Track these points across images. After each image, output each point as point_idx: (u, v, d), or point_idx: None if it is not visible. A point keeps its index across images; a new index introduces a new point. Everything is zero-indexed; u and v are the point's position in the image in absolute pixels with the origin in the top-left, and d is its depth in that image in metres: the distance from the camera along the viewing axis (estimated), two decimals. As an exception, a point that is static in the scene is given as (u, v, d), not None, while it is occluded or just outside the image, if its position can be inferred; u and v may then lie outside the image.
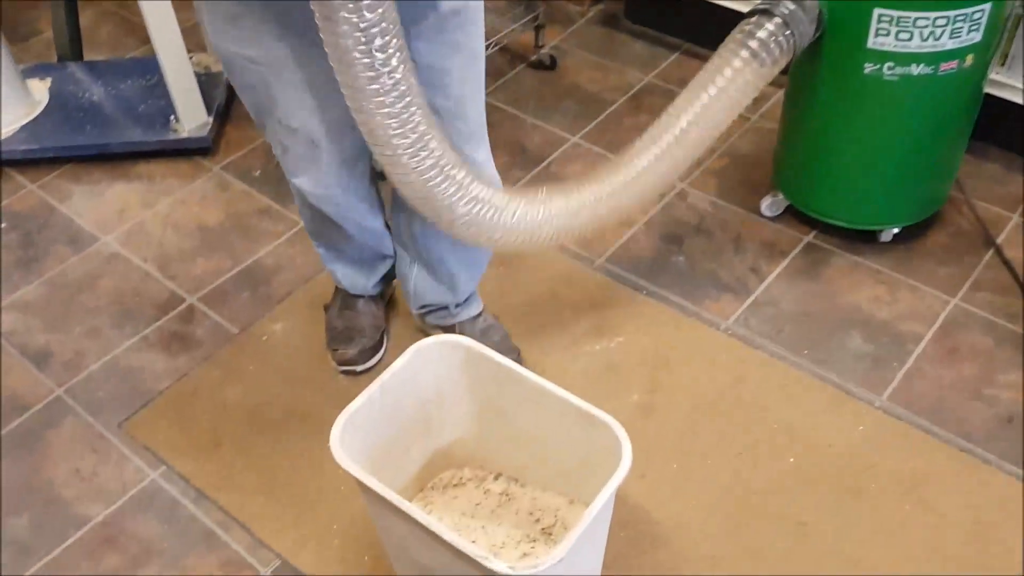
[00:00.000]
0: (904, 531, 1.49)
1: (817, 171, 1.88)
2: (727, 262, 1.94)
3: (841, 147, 1.80)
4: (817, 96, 1.77)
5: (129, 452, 1.67)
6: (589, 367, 1.75)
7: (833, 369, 1.73)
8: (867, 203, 1.87)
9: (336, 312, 1.78)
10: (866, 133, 1.76)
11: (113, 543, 1.54)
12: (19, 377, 1.80)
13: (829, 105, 1.76)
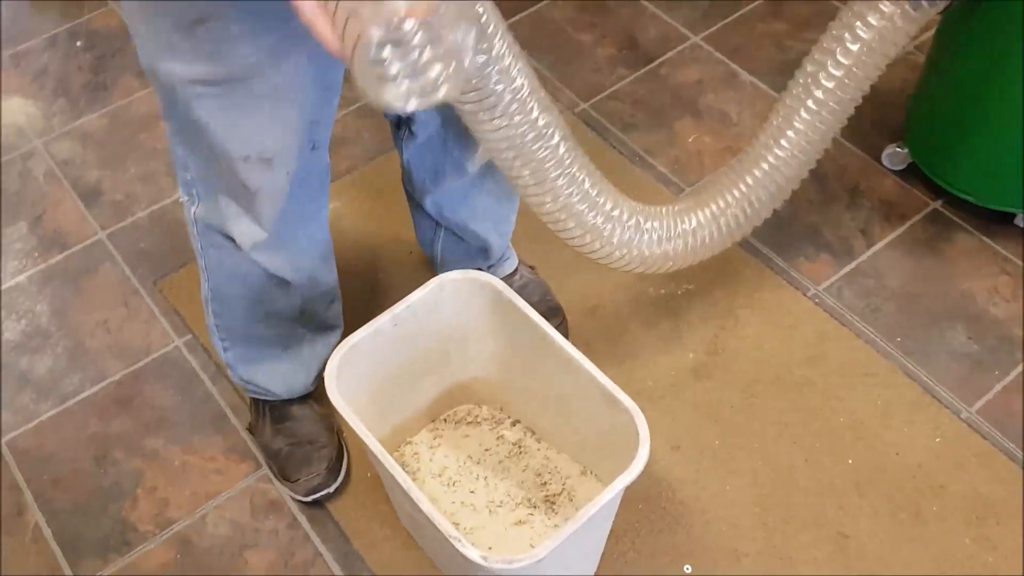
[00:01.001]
0: (956, 566, 1.32)
1: (953, 135, 1.59)
2: (835, 217, 1.71)
3: (989, 115, 1.51)
4: (973, 50, 1.48)
5: (159, 313, 1.62)
6: (648, 313, 1.59)
7: (924, 365, 1.52)
8: (1007, 181, 1.59)
9: (269, 434, 1.41)
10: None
11: (126, 405, 1.52)
12: (66, 212, 1.76)
13: (985, 64, 1.47)
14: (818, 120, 1.31)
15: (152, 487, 1.44)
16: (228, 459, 1.46)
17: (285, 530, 1.38)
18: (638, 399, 1.46)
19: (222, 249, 1.18)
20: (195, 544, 1.38)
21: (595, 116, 1.88)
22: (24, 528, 1.41)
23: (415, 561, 1.34)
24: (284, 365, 1.35)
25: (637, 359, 1.53)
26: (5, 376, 1.57)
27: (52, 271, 1.69)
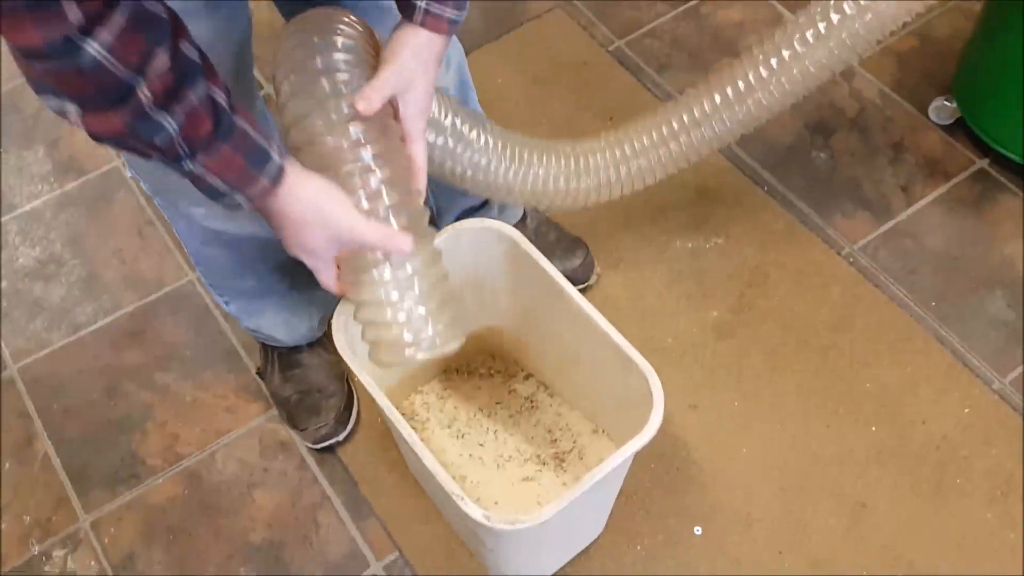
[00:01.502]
0: (975, 543, 1.28)
1: (1005, 90, 1.49)
2: (876, 171, 1.63)
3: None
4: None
5: (173, 246, 1.59)
6: (673, 265, 1.53)
7: (959, 332, 1.45)
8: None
9: (278, 381, 1.38)
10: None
11: (138, 338, 1.51)
12: (82, 137, 1.71)
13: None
14: (821, 51, 1.19)
15: (162, 421, 1.43)
16: (239, 398, 1.44)
17: (294, 471, 1.37)
18: (657, 356, 1.42)
19: (189, 219, 1.12)
20: (204, 480, 1.37)
21: (629, 54, 1.80)
22: (33, 457, 1.41)
23: (422, 509, 1.32)
24: (286, 313, 1.32)
25: (658, 315, 1.48)
26: (18, 303, 1.56)
27: (68, 197, 1.67)
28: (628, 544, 1.28)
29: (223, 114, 0.76)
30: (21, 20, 0.62)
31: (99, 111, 0.70)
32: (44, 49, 0.64)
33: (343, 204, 0.85)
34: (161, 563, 1.30)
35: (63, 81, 0.68)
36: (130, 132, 0.72)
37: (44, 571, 1.31)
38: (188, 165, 0.77)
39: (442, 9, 0.88)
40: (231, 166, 0.78)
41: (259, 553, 1.31)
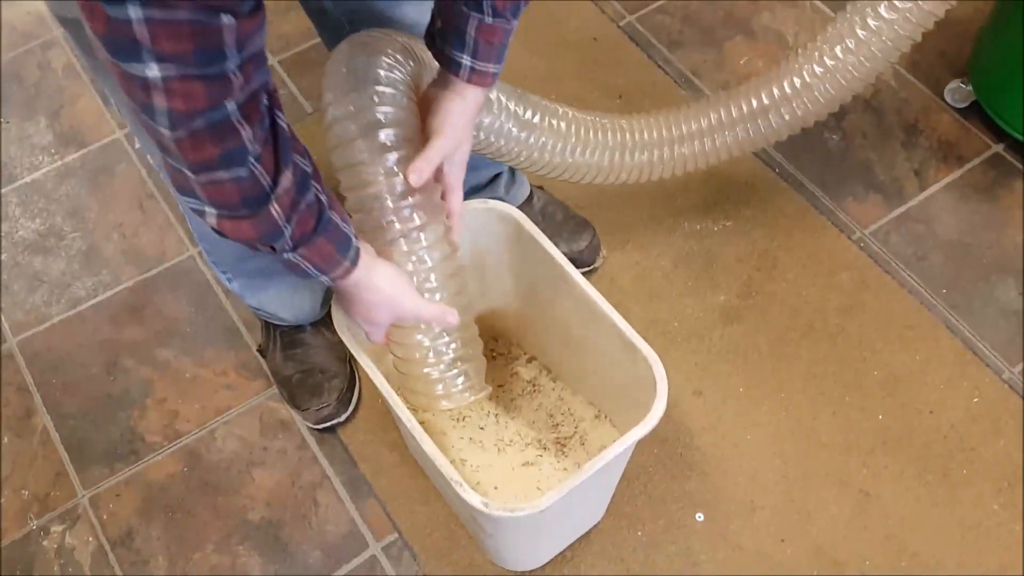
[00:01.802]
0: (981, 534, 1.26)
1: (1022, 74, 1.46)
2: (889, 154, 1.60)
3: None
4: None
5: (174, 220, 1.58)
6: (680, 248, 1.51)
7: (969, 320, 1.43)
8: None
9: (279, 359, 1.38)
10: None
11: (138, 313, 1.49)
12: (84, 108, 1.70)
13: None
14: (863, 54, 1.19)
15: (162, 398, 1.42)
16: (239, 375, 1.43)
17: (294, 450, 1.36)
18: (662, 340, 1.42)
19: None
20: (203, 458, 1.36)
21: (641, 30, 1.76)
22: (32, 431, 1.40)
23: (422, 490, 1.31)
24: (290, 291, 1.30)
25: (664, 298, 1.46)
26: (18, 275, 1.55)
27: (69, 169, 1.65)
28: (629, 529, 1.27)
29: (323, 212, 0.83)
30: (202, 140, 0.68)
31: (236, 218, 0.76)
32: (219, 162, 0.70)
33: (409, 289, 0.95)
34: (159, 540, 1.30)
35: (217, 190, 0.73)
36: (258, 238, 0.79)
37: (42, 546, 1.30)
38: (288, 256, 0.83)
39: (486, 66, 0.91)
40: (323, 254, 0.85)
41: (258, 531, 1.30)
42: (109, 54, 0.63)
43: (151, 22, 0.60)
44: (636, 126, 1.24)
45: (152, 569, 1.28)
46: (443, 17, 0.90)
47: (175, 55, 0.62)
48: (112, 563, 1.29)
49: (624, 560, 1.25)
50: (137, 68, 0.62)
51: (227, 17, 0.62)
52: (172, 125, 0.66)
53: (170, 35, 0.61)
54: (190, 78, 0.63)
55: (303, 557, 1.27)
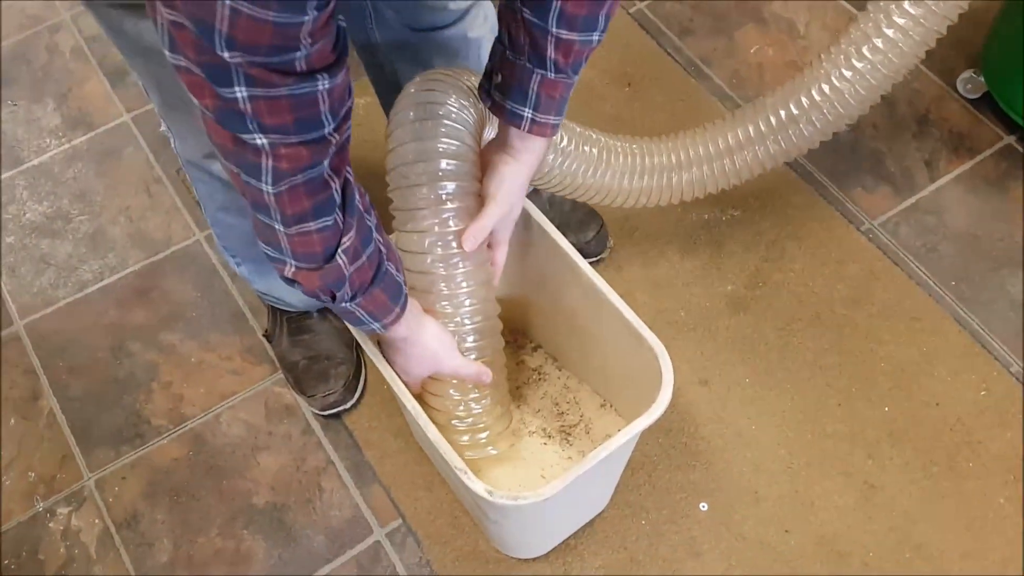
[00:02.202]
0: (985, 527, 1.26)
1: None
2: (900, 145, 1.59)
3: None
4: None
5: (181, 204, 1.58)
6: (688, 237, 1.50)
7: (978, 313, 1.42)
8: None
9: (286, 345, 1.38)
10: None
11: (144, 296, 1.49)
12: (92, 91, 1.70)
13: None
14: (892, 52, 1.18)
15: (167, 382, 1.42)
16: (245, 360, 1.43)
17: (299, 436, 1.36)
18: (669, 329, 1.41)
19: (211, 184, 1.13)
20: (208, 442, 1.37)
21: (651, 18, 1.75)
22: (39, 413, 1.41)
23: (426, 476, 1.31)
24: None
25: (671, 287, 1.46)
26: (25, 258, 1.55)
27: (76, 152, 1.65)
28: (633, 518, 1.27)
29: (382, 263, 0.88)
30: (298, 194, 0.74)
31: (311, 270, 0.82)
32: (311, 214, 0.76)
33: (452, 349, 1.02)
34: (164, 523, 1.30)
35: (304, 241, 0.79)
36: (321, 287, 0.84)
37: (48, 527, 1.31)
38: (346, 305, 0.88)
39: (546, 118, 0.95)
40: (377, 302, 0.90)
41: (262, 516, 1.30)
42: (219, 124, 0.69)
43: (255, 99, 0.66)
44: (667, 147, 1.26)
45: (157, 552, 1.28)
46: (504, 72, 0.93)
47: (278, 126, 0.68)
48: (118, 545, 1.29)
49: (627, 549, 1.25)
50: (247, 136, 0.69)
51: (322, 79, 0.67)
52: (274, 181, 0.72)
53: (272, 110, 0.67)
54: (294, 144, 0.70)
55: (307, 542, 1.28)
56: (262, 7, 0.60)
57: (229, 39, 0.62)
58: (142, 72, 1.00)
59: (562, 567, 1.24)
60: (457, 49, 1.15)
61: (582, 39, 0.89)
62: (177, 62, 0.66)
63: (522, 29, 0.89)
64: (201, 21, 0.61)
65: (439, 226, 0.97)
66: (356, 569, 1.26)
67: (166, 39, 0.65)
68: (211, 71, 0.64)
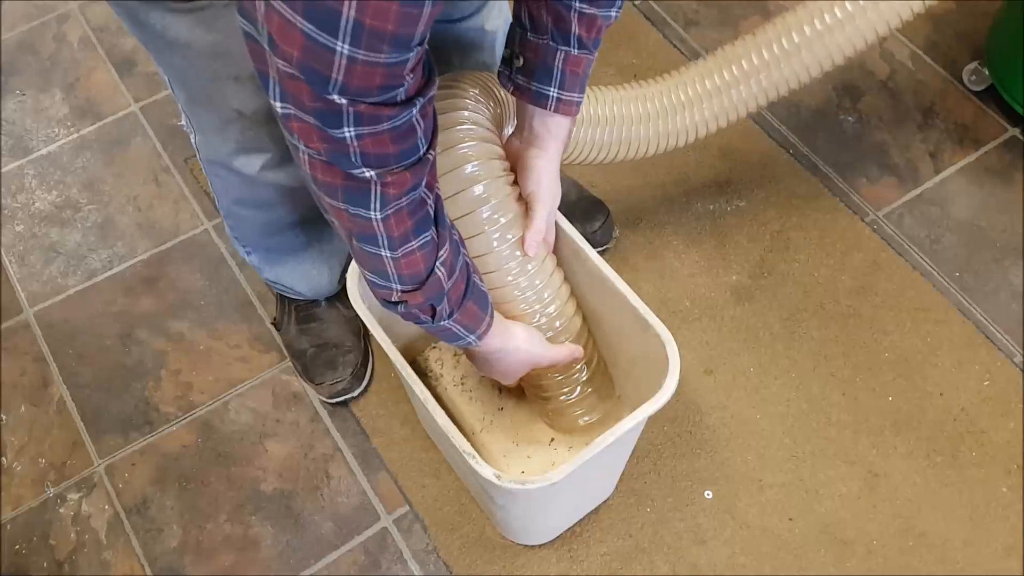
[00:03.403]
0: (988, 516, 1.27)
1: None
2: (905, 136, 1.60)
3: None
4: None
5: (189, 194, 1.58)
6: (693, 227, 1.51)
7: (982, 303, 1.43)
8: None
9: (294, 333, 1.39)
10: None
11: (152, 285, 1.50)
12: (100, 81, 1.71)
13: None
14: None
15: (176, 369, 1.43)
16: (252, 348, 1.44)
17: (306, 423, 1.37)
18: (674, 319, 1.42)
19: (227, 179, 1.14)
20: (216, 429, 1.38)
21: (656, 9, 1.76)
22: (49, 400, 1.42)
23: (433, 463, 1.32)
24: (308, 265, 1.31)
25: (676, 277, 1.46)
26: (34, 247, 1.56)
27: (84, 142, 1.66)
28: (638, 505, 1.28)
29: (471, 275, 0.91)
30: (403, 216, 0.78)
31: (414, 289, 0.85)
32: (412, 232, 0.80)
33: (542, 344, 1.05)
34: (173, 509, 1.31)
35: (410, 261, 0.82)
36: (423, 304, 0.87)
37: (59, 513, 1.32)
38: (445, 322, 0.90)
39: (571, 95, 0.97)
40: (470, 314, 0.93)
41: (270, 503, 1.31)
42: (330, 164, 0.72)
43: (361, 137, 0.69)
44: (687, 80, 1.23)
45: (166, 537, 1.29)
46: (527, 53, 0.95)
47: (381, 158, 0.72)
48: (127, 531, 1.30)
49: (632, 536, 1.26)
50: (356, 171, 0.72)
51: (418, 102, 0.70)
52: (382, 207, 0.75)
53: (375, 143, 0.70)
54: (398, 171, 0.74)
55: (315, 528, 1.29)
56: (375, 52, 0.63)
57: (343, 85, 0.64)
58: (167, 67, 1.00)
59: (567, 554, 1.25)
60: (473, 40, 1.16)
61: (603, 13, 0.92)
62: (286, 111, 0.69)
63: (544, 7, 0.91)
64: (316, 73, 0.64)
65: (497, 242, 1.00)
66: (363, 555, 1.27)
67: (276, 91, 0.68)
68: (322, 116, 0.67)
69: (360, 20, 0.60)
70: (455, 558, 1.26)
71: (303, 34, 0.61)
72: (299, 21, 0.61)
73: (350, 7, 0.59)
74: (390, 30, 0.62)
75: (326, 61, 0.62)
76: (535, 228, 1.01)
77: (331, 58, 0.62)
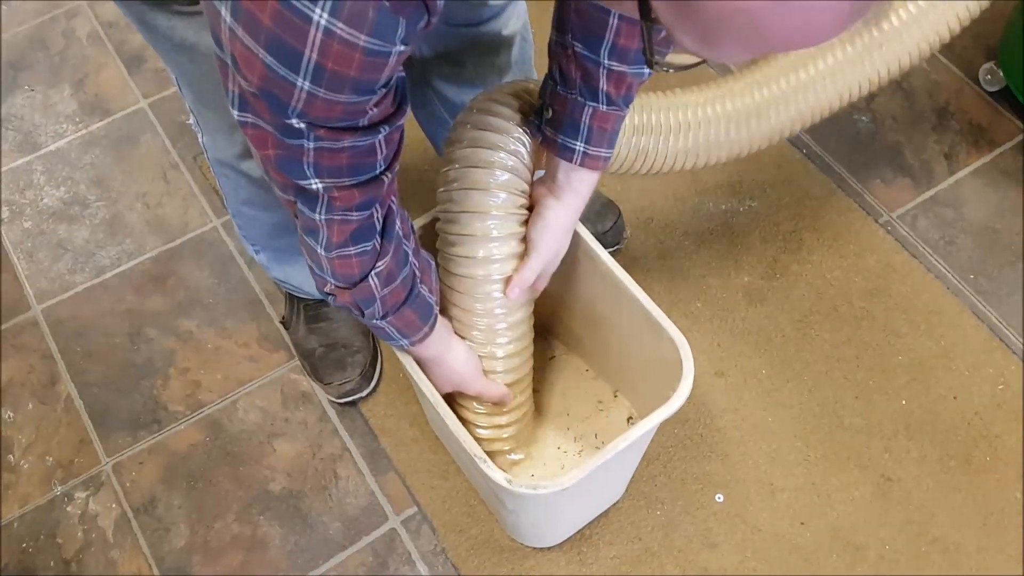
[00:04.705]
0: (1002, 521, 1.26)
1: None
2: (919, 137, 1.58)
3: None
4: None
5: (198, 191, 1.58)
6: (705, 228, 1.50)
7: (996, 306, 1.42)
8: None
9: (303, 332, 1.38)
10: None
11: (161, 283, 1.50)
12: (109, 77, 1.70)
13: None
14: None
15: (184, 368, 1.42)
16: (261, 347, 1.43)
17: (315, 423, 1.37)
18: (684, 320, 1.41)
19: (235, 180, 1.13)
20: (225, 428, 1.37)
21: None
22: (56, 398, 1.41)
23: (442, 464, 1.32)
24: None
25: (688, 278, 1.45)
26: (43, 243, 1.55)
27: (93, 138, 1.65)
28: (648, 509, 1.27)
29: (415, 287, 0.92)
30: (346, 224, 0.79)
31: (345, 288, 0.87)
32: (351, 240, 0.81)
33: (477, 373, 1.06)
34: (181, 508, 1.31)
35: (344, 264, 0.84)
36: (351, 303, 0.89)
37: (66, 511, 1.32)
38: (376, 322, 0.92)
39: (598, 151, 0.96)
40: (406, 321, 0.94)
41: (278, 502, 1.31)
42: (279, 170, 0.73)
43: (319, 151, 0.70)
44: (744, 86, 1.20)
45: (174, 537, 1.29)
46: (555, 107, 0.94)
47: (333, 171, 0.72)
48: (135, 530, 1.30)
49: (642, 539, 1.25)
50: (304, 182, 0.73)
51: (383, 129, 0.71)
52: (327, 212, 0.77)
53: (331, 159, 0.71)
54: (348, 187, 0.75)
55: (323, 528, 1.28)
56: (335, 92, 0.63)
57: (302, 113, 0.65)
58: (175, 68, 1.00)
59: (577, 557, 1.24)
60: (490, 45, 1.15)
61: (633, 71, 0.91)
62: (244, 119, 0.69)
63: (573, 63, 0.91)
64: (276, 98, 0.64)
65: (482, 267, 1.00)
66: (371, 556, 1.26)
67: (236, 101, 0.68)
68: (282, 130, 0.68)
69: (321, 63, 0.60)
70: (463, 560, 1.25)
71: (264, 65, 0.61)
72: (261, 53, 0.61)
73: (312, 49, 0.59)
74: (352, 75, 0.62)
75: (286, 91, 0.63)
76: (523, 276, 1.01)
77: (291, 90, 0.63)
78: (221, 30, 0.62)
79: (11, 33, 1.79)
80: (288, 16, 0.58)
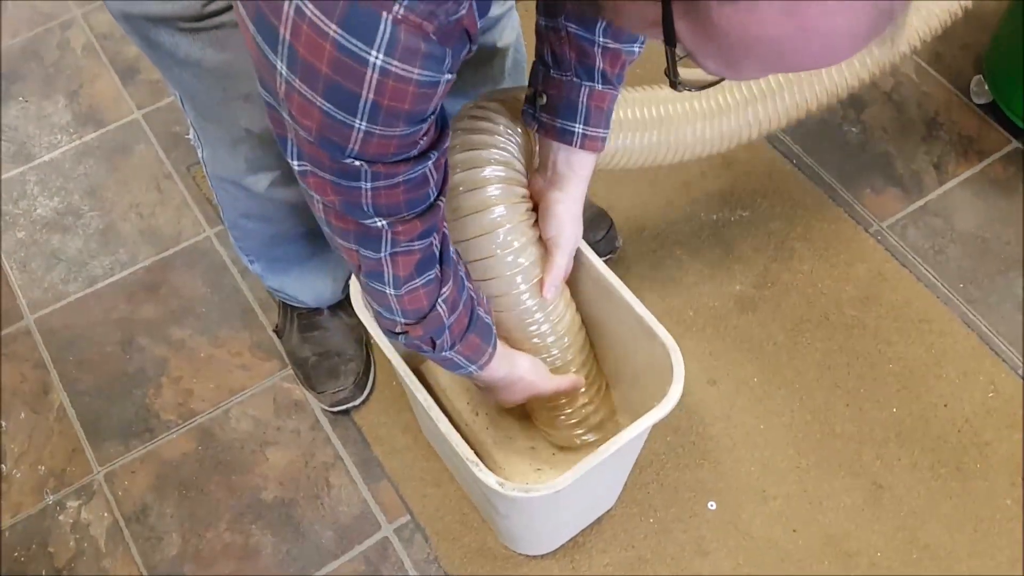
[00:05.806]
0: (992, 528, 1.26)
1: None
2: (909, 148, 1.60)
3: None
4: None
5: (191, 201, 1.58)
6: (697, 237, 1.51)
7: (986, 315, 1.43)
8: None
9: (296, 341, 1.38)
10: None
11: (154, 292, 1.50)
12: (103, 88, 1.71)
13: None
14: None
15: (177, 377, 1.42)
16: (254, 356, 1.43)
17: (307, 431, 1.37)
18: (677, 329, 1.42)
19: (235, 194, 1.14)
20: (217, 437, 1.37)
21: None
22: (49, 407, 1.41)
23: (434, 472, 1.32)
24: (312, 274, 1.31)
25: (680, 286, 1.46)
26: (36, 253, 1.55)
27: (87, 148, 1.66)
28: (641, 516, 1.28)
29: (475, 309, 0.93)
30: (409, 256, 0.80)
31: (416, 323, 0.87)
32: (416, 272, 0.82)
33: (545, 375, 1.07)
34: (173, 517, 1.31)
35: (413, 298, 0.85)
36: (423, 336, 0.89)
37: (58, 520, 1.31)
38: (447, 353, 0.92)
39: (596, 131, 0.97)
40: (472, 346, 0.95)
41: (270, 511, 1.31)
42: (344, 214, 0.74)
43: (376, 190, 0.71)
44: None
45: (166, 545, 1.29)
46: (551, 91, 0.95)
47: (392, 208, 0.74)
48: (127, 539, 1.30)
49: (635, 547, 1.25)
50: (368, 222, 0.75)
51: (432, 155, 0.72)
52: (391, 248, 0.78)
53: (388, 196, 0.72)
54: (409, 219, 0.76)
55: (315, 537, 1.28)
56: (391, 128, 0.65)
57: (359, 154, 0.67)
58: (177, 84, 1.01)
59: (570, 564, 1.24)
60: (484, 56, 1.16)
61: (627, 49, 0.92)
62: (303, 168, 0.71)
63: (567, 44, 0.91)
64: (334, 143, 0.66)
65: (515, 284, 1.01)
66: (364, 565, 1.26)
67: (294, 151, 0.70)
68: (340, 174, 0.69)
69: (378, 101, 0.62)
70: (456, 568, 1.25)
71: (322, 112, 0.63)
72: (319, 101, 0.62)
73: (369, 90, 0.61)
74: (406, 109, 0.64)
75: (343, 135, 0.65)
76: (554, 274, 1.02)
77: (348, 133, 0.64)
78: (276, 83, 0.63)
79: (6, 44, 1.80)
80: (346, 61, 0.60)
